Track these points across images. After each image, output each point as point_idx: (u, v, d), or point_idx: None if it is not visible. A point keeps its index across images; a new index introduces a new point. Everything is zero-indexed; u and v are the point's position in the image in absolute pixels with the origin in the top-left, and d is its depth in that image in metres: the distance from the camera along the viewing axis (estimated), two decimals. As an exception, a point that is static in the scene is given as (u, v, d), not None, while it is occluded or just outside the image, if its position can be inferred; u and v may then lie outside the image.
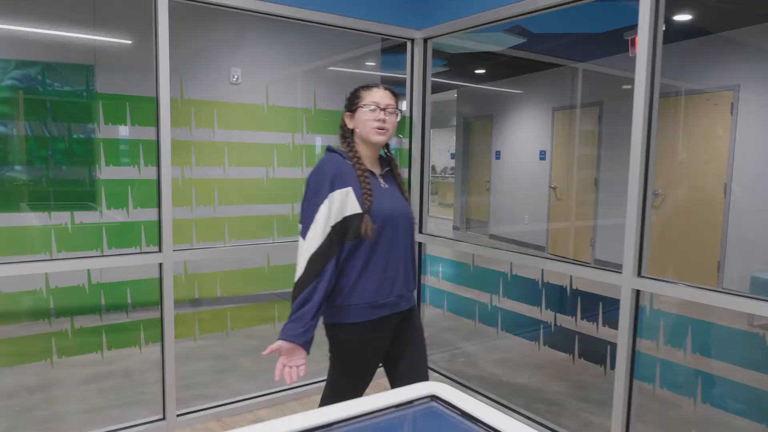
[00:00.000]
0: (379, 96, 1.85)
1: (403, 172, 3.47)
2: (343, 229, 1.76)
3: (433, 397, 1.31)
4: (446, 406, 1.29)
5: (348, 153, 1.85)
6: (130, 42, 3.55)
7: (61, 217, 2.60)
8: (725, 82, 5.69)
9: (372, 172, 1.87)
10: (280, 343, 1.73)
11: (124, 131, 2.71)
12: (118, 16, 3.19)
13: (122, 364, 3.38)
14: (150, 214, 2.66)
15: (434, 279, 3.50)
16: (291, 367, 1.75)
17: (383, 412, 1.23)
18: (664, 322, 2.35)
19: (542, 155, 8.38)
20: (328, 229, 1.73)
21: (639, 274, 2.36)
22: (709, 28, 5.55)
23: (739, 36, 5.51)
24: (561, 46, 6.43)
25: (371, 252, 1.80)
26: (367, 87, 1.89)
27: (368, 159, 1.88)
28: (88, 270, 2.59)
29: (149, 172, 2.66)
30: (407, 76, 3.47)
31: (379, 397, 1.25)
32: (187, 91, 2.81)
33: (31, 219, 2.68)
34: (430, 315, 3.61)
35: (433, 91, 3.56)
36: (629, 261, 2.37)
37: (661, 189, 6.50)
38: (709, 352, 2.22)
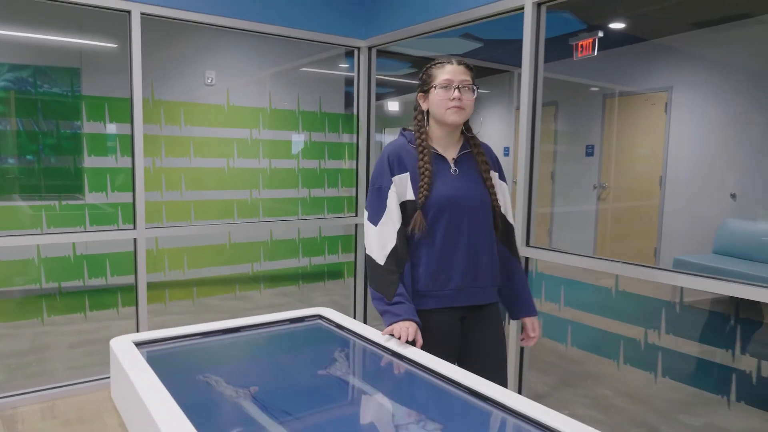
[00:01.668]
0: (453, 72, 1.70)
1: (350, 165, 3.97)
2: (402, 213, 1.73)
3: (320, 316, 1.82)
4: (329, 322, 1.80)
5: (415, 136, 1.75)
6: (115, 46, 4.00)
7: (51, 200, 3.09)
8: (659, 84, 6.25)
9: (442, 156, 1.75)
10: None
11: (103, 127, 3.20)
12: (102, 24, 3.61)
13: (105, 332, 3.86)
14: (126, 197, 3.15)
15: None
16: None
17: (279, 324, 1.74)
18: (546, 283, 2.87)
19: (506, 151, 8.91)
20: (400, 214, 1.71)
21: (527, 244, 2.89)
22: (643, 36, 6.09)
23: (670, 42, 6.06)
24: (511, 52, 6.93)
25: (427, 240, 1.71)
26: (440, 63, 1.74)
27: (442, 141, 1.76)
28: (73, 243, 3.08)
29: (125, 162, 3.15)
30: (354, 80, 3.98)
31: (276, 314, 1.76)
32: (164, 93, 3.29)
33: (24, 201, 3.16)
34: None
35: (407, 92, 4.06)
36: (519, 234, 2.90)
37: (607, 182, 7.07)
38: (578, 305, 2.75)
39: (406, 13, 3.53)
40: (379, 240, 1.70)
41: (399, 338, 1.55)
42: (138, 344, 1.48)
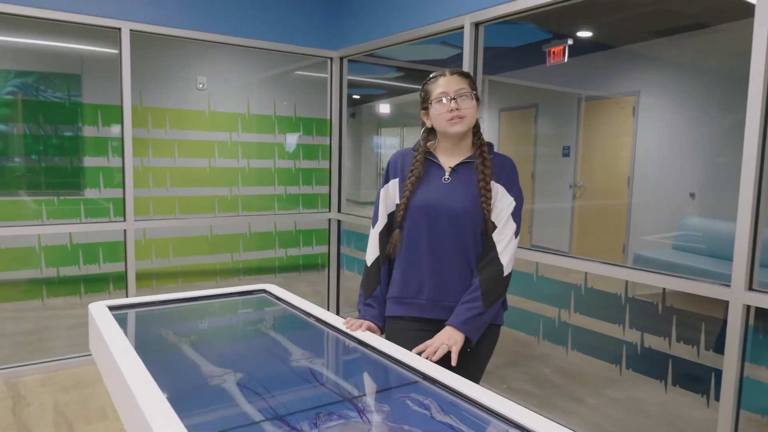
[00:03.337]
0: (447, 84, 1.69)
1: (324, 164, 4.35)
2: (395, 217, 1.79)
3: (264, 291, 2.21)
4: (273, 296, 2.19)
5: (420, 144, 1.80)
6: (115, 51, 4.37)
7: (51, 195, 3.50)
8: (627, 89, 6.60)
9: (437, 164, 1.76)
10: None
11: (97, 131, 3.60)
12: (102, 31, 3.94)
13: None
14: (117, 193, 3.56)
15: (349, 249, 4.41)
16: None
17: (228, 296, 2.13)
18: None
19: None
20: (384, 218, 1.80)
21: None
22: (611, 43, 6.45)
23: (637, 49, 6.41)
24: (485, 59, 7.28)
25: (403, 245, 1.76)
26: (433, 78, 1.75)
27: (448, 151, 1.76)
28: (70, 233, 3.49)
29: (116, 162, 3.56)
30: (328, 87, 4.36)
31: (225, 289, 2.15)
32: (157, 97, 3.69)
33: (28, 196, 3.57)
34: (345, 277, 4.52)
35: (398, 94, 4.41)
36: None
37: (582, 181, 7.42)
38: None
39: (370, 28, 3.92)
40: (371, 242, 1.82)
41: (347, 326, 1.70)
42: (111, 308, 1.88)
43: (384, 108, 11.49)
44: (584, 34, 6.13)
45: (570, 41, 6.62)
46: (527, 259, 2.86)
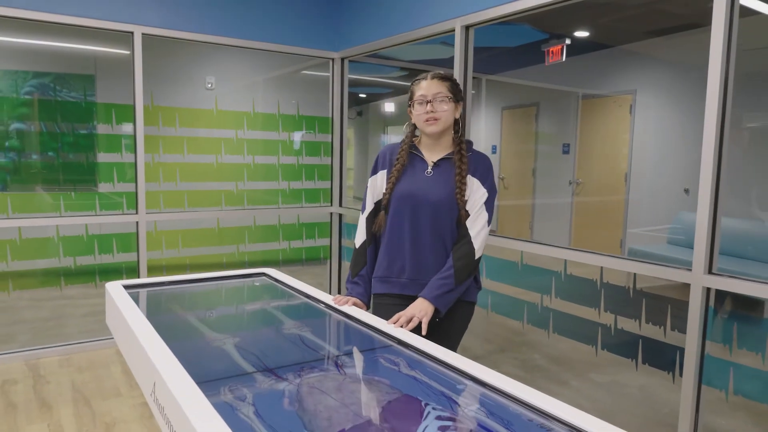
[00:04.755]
0: (427, 87, 1.88)
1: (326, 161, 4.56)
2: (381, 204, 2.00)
3: (264, 274, 2.41)
4: (272, 279, 2.39)
5: (405, 140, 2.00)
6: (127, 52, 4.58)
7: (68, 189, 3.73)
8: (625, 87, 6.74)
9: (421, 157, 1.96)
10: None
11: (111, 129, 3.82)
12: (114, 33, 4.15)
13: (114, 303, 4.50)
14: (129, 187, 3.78)
15: (349, 241, 4.62)
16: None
17: (230, 278, 2.34)
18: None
19: (494, 149, 9.45)
20: (371, 205, 2.03)
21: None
22: (608, 43, 6.59)
23: (634, 48, 6.56)
24: (486, 58, 7.46)
25: (388, 230, 1.96)
26: (417, 81, 1.93)
27: (429, 147, 1.96)
28: (86, 225, 3.72)
29: (129, 158, 3.78)
30: (329, 86, 4.57)
31: (229, 272, 2.36)
32: (168, 96, 3.91)
33: (46, 190, 3.80)
34: (346, 268, 4.72)
35: (403, 92, 4.61)
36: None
37: (581, 178, 7.57)
38: (492, 277, 3.31)
39: (369, 30, 4.12)
40: (360, 226, 2.05)
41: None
42: (126, 287, 2.09)
43: (389, 106, 11.69)
44: (581, 34, 6.28)
45: (568, 41, 6.78)
46: (510, 248, 3.06)
